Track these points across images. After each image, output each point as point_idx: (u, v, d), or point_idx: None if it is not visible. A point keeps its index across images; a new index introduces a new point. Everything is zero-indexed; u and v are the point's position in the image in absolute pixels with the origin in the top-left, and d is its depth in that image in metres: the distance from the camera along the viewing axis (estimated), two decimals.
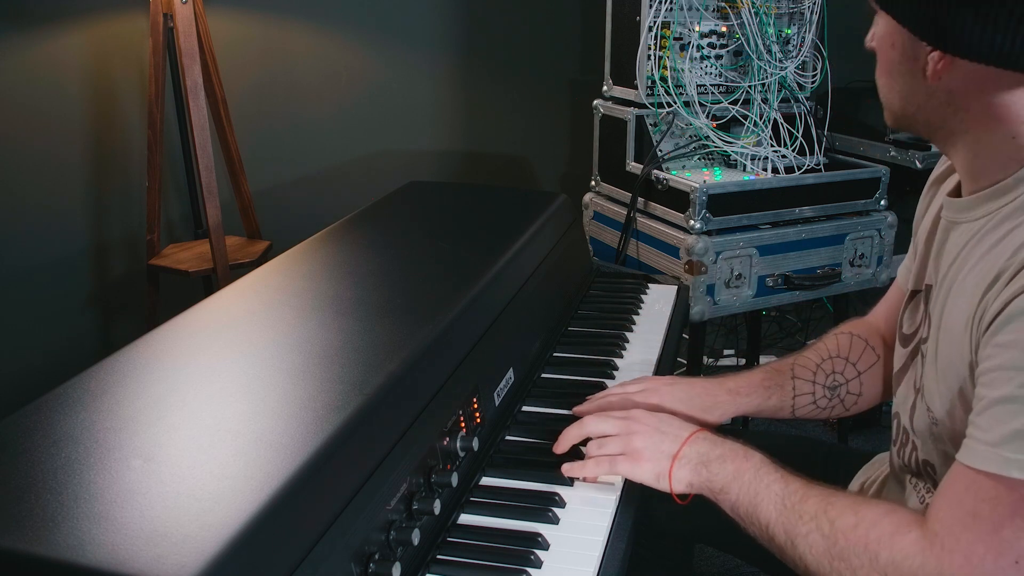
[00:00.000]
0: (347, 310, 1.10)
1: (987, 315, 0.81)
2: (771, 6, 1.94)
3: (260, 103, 2.50)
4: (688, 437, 1.00)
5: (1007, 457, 0.74)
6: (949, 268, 0.92)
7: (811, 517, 0.86)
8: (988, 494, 0.76)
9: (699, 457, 0.97)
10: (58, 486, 0.71)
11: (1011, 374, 0.76)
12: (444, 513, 0.93)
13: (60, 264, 2.34)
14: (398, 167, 2.74)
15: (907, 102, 0.89)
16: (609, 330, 1.47)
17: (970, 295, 0.86)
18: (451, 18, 2.73)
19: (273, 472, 0.73)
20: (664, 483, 0.98)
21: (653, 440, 1.00)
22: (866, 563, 0.81)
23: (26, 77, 2.19)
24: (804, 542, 0.86)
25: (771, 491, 0.91)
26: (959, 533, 0.76)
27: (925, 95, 0.86)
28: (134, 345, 0.99)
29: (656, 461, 0.98)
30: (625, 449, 1.00)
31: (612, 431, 1.03)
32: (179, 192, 2.45)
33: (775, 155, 1.94)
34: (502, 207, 1.68)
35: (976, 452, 0.78)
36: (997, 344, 0.78)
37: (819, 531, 0.85)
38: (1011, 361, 0.76)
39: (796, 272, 1.91)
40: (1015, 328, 0.77)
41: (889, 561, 0.79)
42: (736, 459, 0.95)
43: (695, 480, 0.97)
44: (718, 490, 0.95)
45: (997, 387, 0.77)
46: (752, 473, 0.93)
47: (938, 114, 0.87)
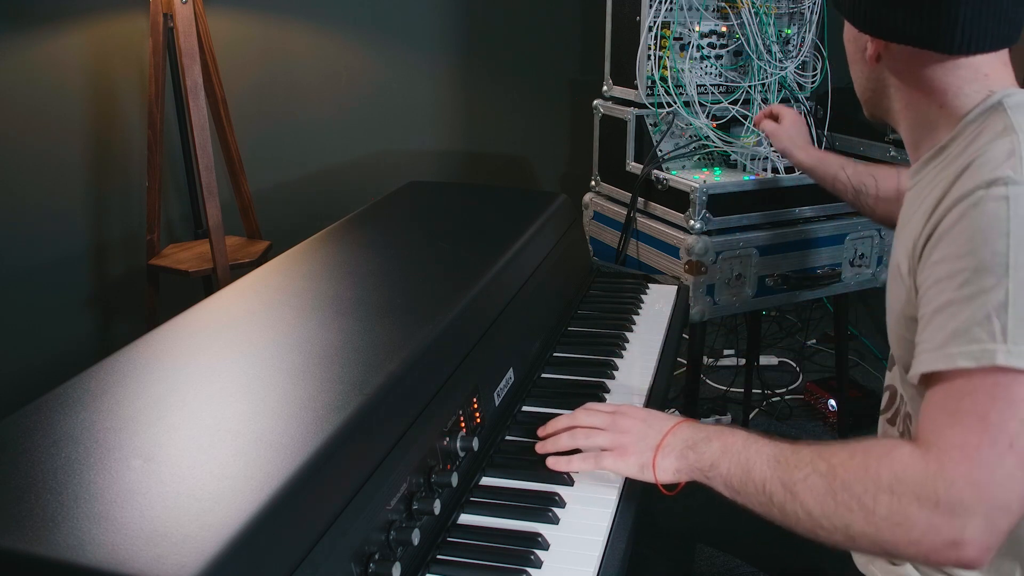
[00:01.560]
0: (347, 310, 1.10)
1: (919, 244, 0.90)
2: (771, 6, 1.94)
3: (260, 103, 2.50)
4: (672, 427, 1.00)
5: (952, 353, 0.80)
6: (899, 228, 1.02)
7: (806, 463, 0.86)
8: (962, 390, 0.79)
9: (683, 443, 0.97)
10: (58, 486, 0.71)
11: (944, 284, 0.83)
12: (444, 513, 0.93)
13: (60, 264, 2.35)
14: (398, 167, 2.74)
15: (863, 87, 1.05)
16: (609, 330, 1.47)
17: (908, 236, 0.95)
18: (451, 18, 2.73)
19: (273, 472, 0.73)
20: (648, 474, 0.98)
21: (638, 433, 1.01)
22: (870, 486, 0.81)
23: (26, 77, 2.19)
24: (803, 487, 0.85)
25: (762, 454, 0.90)
26: (948, 433, 0.78)
27: (874, 79, 1.02)
28: (134, 345, 0.99)
29: (640, 453, 0.99)
30: (611, 444, 1.01)
31: (600, 425, 1.04)
32: (179, 192, 2.45)
33: (775, 155, 1.94)
34: (502, 207, 1.68)
35: (925, 360, 0.83)
36: (933, 263, 0.86)
37: (816, 472, 0.85)
38: (945, 271, 0.84)
39: (796, 272, 1.91)
40: (946, 243, 0.85)
41: (892, 477, 0.80)
42: (722, 436, 0.95)
43: (681, 465, 0.97)
44: (708, 467, 0.94)
45: (933, 300, 0.84)
46: (740, 444, 0.93)
47: (884, 94, 1.02)
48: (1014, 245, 0.79)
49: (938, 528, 0.76)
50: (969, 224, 0.83)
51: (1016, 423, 0.76)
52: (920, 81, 0.96)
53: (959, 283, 0.81)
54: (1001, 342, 0.77)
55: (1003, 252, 0.79)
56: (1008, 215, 0.80)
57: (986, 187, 0.83)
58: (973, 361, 0.78)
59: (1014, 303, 0.78)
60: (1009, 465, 0.75)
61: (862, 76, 1.04)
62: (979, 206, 0.82)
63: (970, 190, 0.84)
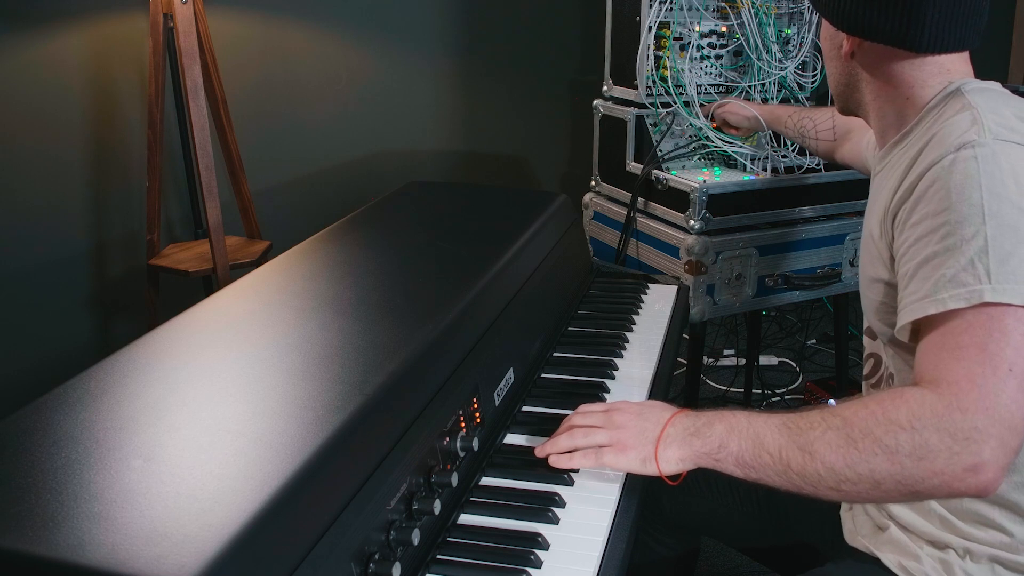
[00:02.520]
0: (347, 310, 1.10)
1: (889, 211, 0.99)
2: (771, 6, 1.94)
3: (260, 103, 2.50)
4: (670, 418, 1.00)
5: (943, 297, 0.86)
6: (868, 208, 1.12)
7: (819, 421, 0.88)
8: (959, 328, 0.85)
9: (684, 431, 0.97)
10: (58, 486, 0.71)
11: (925, 239, 0.91)
12: (444, 513, 0.93)
13: (60, 264, 2.35)
14: (398, 167, 2.74)
15: (837, 82, 1.14)
16: (609, 330, 1.47)
17: (879, 208, 1.03)
18: (451, 18, 2.73)
19: (273, 472, 0.73)
20: (651, 467, 0.98)
21: (636, 427, 1.01)
22: (890, 428, 0.83)
23: (26, 77, 2.19)
24: (821, 443, 0.86)
25: (769, 424, 0.92)
26: (954, 367, 0.84)
27: (847, 74, 1.11)
28: (134, 345, 0.99)
29: (640, 447, 0.99)
30: (610, 440, 1.01)
31: (597, 423, 1.04)
32: (179, 192, 2.45)
33: (775, 155, 1.94)
34: (502, 207, 1.68)
35: (914, 308, 0.89)
36: (911, 224, 0.94)
37: (831, 428, 0.87)
38: (924, 229, 0.91)
39: (796, 272, 1.91)
40: (921, 206, 0.93)
41: (908, 415, 0.83)
42: (724, 418, 0.96)
43: (686, 454, 0.96)
44: (716, 450, 0.94)
45: (916, 256, 0.91)
46: (744, 420, 0.94)
47: (856, 88, 1.11)
48: (987, 196, 0.87)
49: (959, 455, 0.81)
50: (944, 184, 0.90)
51: (1011, 350, 0.82)
52: (889, 75, 1.06)
53: (941, 236, 0.89)
54: (987, 282, 0.84)
55: (978, 203, 0.87)
56: (979, 171, 0.89)
57: (955, 151, 0.91)
58: (964, 302, 0.84)
59: (993, 247, 0.85)
60: (1012, 388, 0.81)
61: (836, 71, 1.13)
62: (952, 167, 0.91)
63: (940, 156, 0.92)
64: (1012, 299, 0.83)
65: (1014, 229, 0.86)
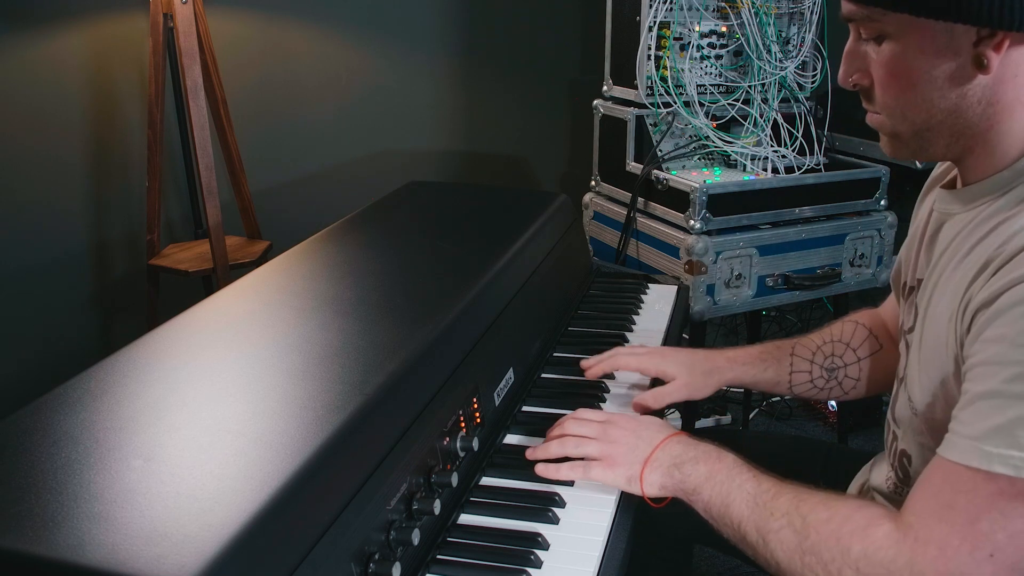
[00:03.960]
0: (347, 310, 1.10)
1: (972, 306, 0.81)
2: (771, 6, 1.94)
3: (260, 103, 2.50)
4: (662, 441, 0.99)
5: (988, 451, 0.74)
6: (939, 259, 0.92)
7: (783, 513, 0.85)
8: (965, 486, 0.75)
9: (671, 460, 0.97)
10: (58, 486, 0.71)
11: (996, 369, 0.76)
12: (444, 513, 0.93)
13: (60, 264, 2.34)
14: (398, 167, 2.74)
15: (932, 114, 0.85)
16: (609, 330, 1.47)
17: (957, 285, 0.85)
18: (451, 18, 2.73)
19: (273, 472, 0.73)
20: (636, 487, 0.98)
21: (628, 445, 1.00)
22: (838, 556, 0.80)
23: (26, 77, 2.19)
24: (775, 538, 0.85)
25: (743, 490, 0.90)
26: (934, 525, 0.76)
27: (958, 98, 0.83)
28: (134, 345, 0.99)
29: (628, 465, 0.99)
30: (601, 454, 1.00)
31: (591, 434, 1.03)
32: (179, 192, 2.45)
33: (775, 155, 1.94)
34: (502, 207, 1.68)
35: (957, 446, 0.77)
36: (985, 339, 0.78)
37: (791, 527, 0.84)
38: (997, 356, 0.76)
39: (796, 272, 1.91)
40: (1003, 323, 0.76)
41: (861, 554, 0.79)
42: (709, 460, 0.95)
43: (667, 483, 0.96)
44: (691, 491, 0.95)
45: (982, 382, 0.77)
46: (724, 474, 0.93)
47: (968, 115, 0.84)
48: None
49: None
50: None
51: (1004, 536, 0.73)
52: (1021, 90, 0.82)
53: (1010, 376, 0.74)
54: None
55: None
56: None
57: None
58: (1012, 471, 0.72)
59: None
60: (983, 574, 0.73)
61: (935, 97, 0.84)
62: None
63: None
64: None
65: None
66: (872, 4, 0.82)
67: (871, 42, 0.86)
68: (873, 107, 0.91)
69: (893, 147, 0.92)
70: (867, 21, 0.85)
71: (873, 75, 0.88)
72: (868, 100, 0.91)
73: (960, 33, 0.80)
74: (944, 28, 0.80)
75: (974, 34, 0.79)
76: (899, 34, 0.83)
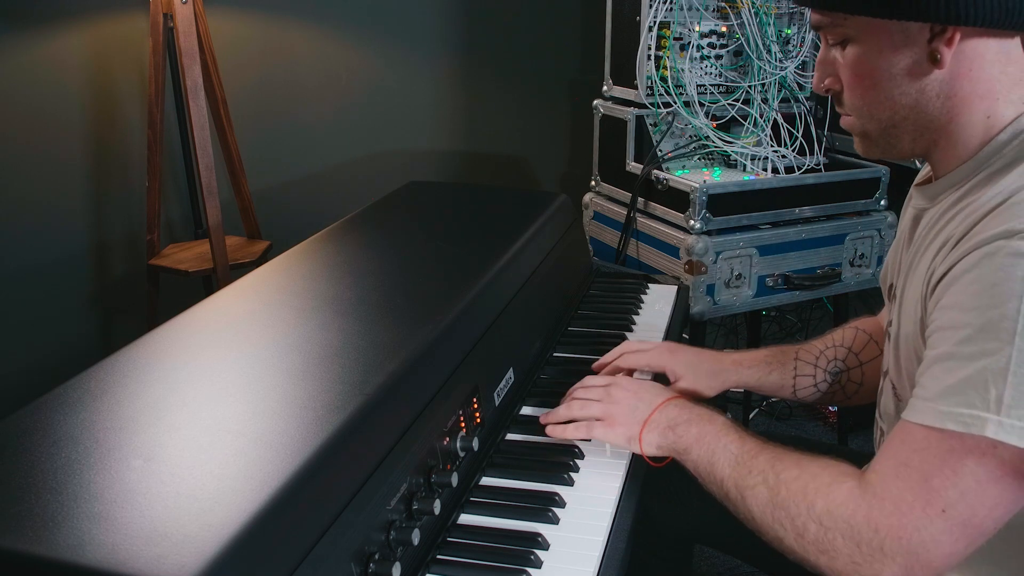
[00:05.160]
0: (347, 310, 1.10)
1: (934, 280, 0.85)
2: (771, 6, 1.94)
3: (260, 103, 2.50)
4: (661, 403, 1.05)
5: (941, 410, 0.77)
6: (911, 253, 0.97)
7: (759, 471, 0.90)
8: (920, 444, 0.79)
9: (667, 421, 1.02)
10: (58, 486, 0.71)
11: (949, 333, 0.79)
12: (444, 513, 0.93)
13: (60, 264, 2.34)
14: (398, 167, 2.73)
15: (895, 110, 0.89)
16: (609, 330, 1.47)
17: (923, 269, 0.90)
18: (451, 18, 2.73)
19: (273, 472, 0.73)
20: (635, 446, 1.04)
21: (629, 406, 1.06)
22: (803, 511, 0.84)
23: (26, 77, 2.19)
24: (751, 494, 0.89)
25: (728, 450, 0.95)
26: (891, 482, 0.80)
27: (917, 93, 0.87)
28: (134, 345, 0.99)
29: (629, 426, 1.04)
30: (603, 414, 1.07)
31: (595, 397, 1.09)
32: (179, 192, 2.45)
33: (775, 155, 1.94)
34: (502, 207, 1.68)
35: (914, 407, 0.81)
36: (941, 307, 0.82)
37: (765, 484, 0.88)
38: (951, 320, 0.80)
39: (796, 272, 1.91)
40: (957, 289, 0.80)
41: (824, 509, 0.82)
42: (701, 422, 1.00)
43: (663, 443, 1.02)
44: (682, 451, 1.00)
45: (938, 346, 0.81)
46: (713, 435, 0.97)
47: (928, 110, 0.88)
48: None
49: (859, 564, 0.80)
50: (981, 275, 0.77)
51: (955, 492, 0.76)
52: (979, 82, 0.86)
53: (961, 338, 0.77)
54: (994, 412, 0.74)
55: (1012, 316, 0.74)
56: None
57: (1007, 237, 0.76)
58: (962, 427, 0.75)
59: (1016, 372, 0.73)
60: (937, 529, 0.76)
61: (896, 94, 0.88)
62: (995, 257, 0.77)
63: (991, 237, 0.78)
64: (1018, 440, 0.73)
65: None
66: (831, 9, 0.88)
67: (838, 47, 0.92)
68: (844, 109, 0.96)
69: (864, 146, 0.96)
70: (832, 27, 0.90)
71: (841, 78, 0.93)
72: (839, 104, 0.96)
73: (915, 31, 0.84)
74: (899, 27, 0.85)
75: (927, 31, 0.84)
76: (860, 36, 0.88)
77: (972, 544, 0.77)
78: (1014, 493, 0.76)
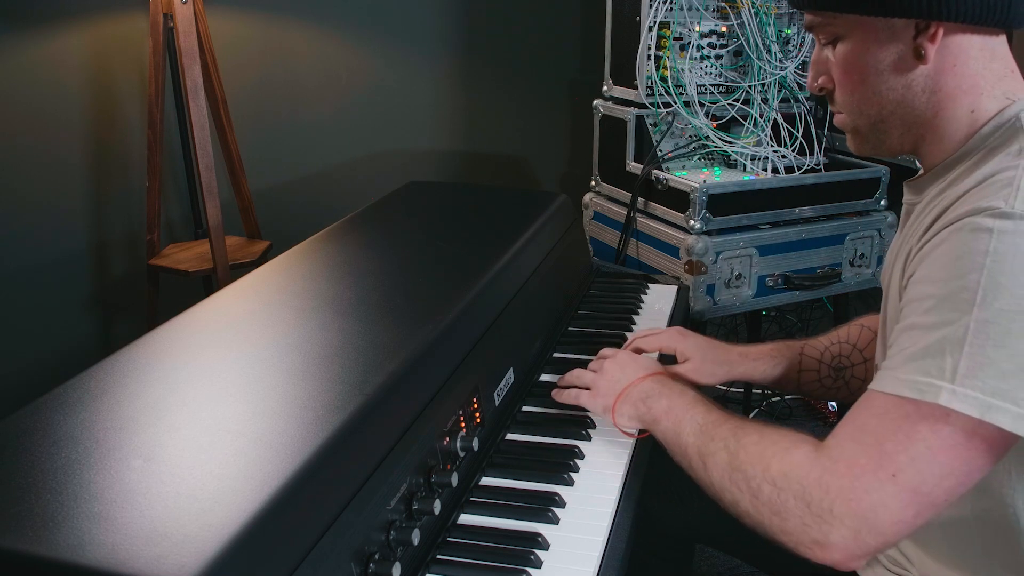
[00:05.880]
0: (347, 310, 1.10)
1: (911, 262, 0.88)
2: (771, 6, 1.94)
3: (260, 103, 2.50)
4: (640, 377, 1.09)
5: (899, 378, 0.79)
6: (900, 244, 0.98)
7: (721, 438, 0.92)
8: (878, 410, 0.80)
9: (640, 394, 1.07)
10: (58, 486, 0.71)
11: (915, 304, 0.82)
12: (444, 513, 0.93)
13: (60, 264, 2.34)
14: (398, 167, 2.73)
15: (883, 105, 0.91)
16: (609, 330, 1.47)
17: (904, 255, 0.92)
18: (451, 18, 2.73)
19: (273, 472, 0.73)
20: (608, 416, 1.10)
21: (613, 378, 1.11)
22: (759, 473, 0.85)
23: (26, 77, 2.19)
24: (711, 460, 0.92)
25: (694, 420, 0.98)
26: (846, 444, 0.81)
27: (903, 88, 0.89)
28: (134, 345, 0.99)
29: (607, 396, 1.11)
30: (592, 383, 1.14)
31: (594, 367, 1.17)
32: (179, 192, 2.45)
33: (775, 155, 1.94)
34: (502, 207, 1.68)
35: (879, 377, 0.82)
36: (913, 282, 0.84)
37: (726, 449, 0.91)
38: (918, 293, 0.82)
39: (796, 272, 1.91)
40: (925, 265, 0.83)
41: (779, 471, 0.84)
42: (672, 396, 1.04)
43: (634, 414, 1.07)
44: (652, 422, 1.04)
45: (904, 319, 0.83)
46: (681, 407, 1.00)
47: (914, 104, 0.90)
48: (985, 283, 0.75)
49: (808, 526, 0.81)
50: (948, 249, 0.80)
51: (906, 457, 0.77)
52: (963, 77, 0.88)
53: (925, 308, 0.80)
54: (949, 380, 0.75)
55: (971, 288, 0.76)
56: (988, 248, 0.76)
57: (975, 214, 0.79)
58: (917, 394, 0.77)
59: (972, 343, 0.75)
60: (886, 493, 0.77)
61: (884, 89, 0.90)
62: (961, 232, 0.79)
63: (962, 214, 0.80)
64: (969, 409, 0.74)
65: (1004, 331, 0.74)
66: (821, 8, 0.91)
67: (829, 46, 0.94)
68: (836, 107, 0.98)
69: (856, 143, 0.98)
70: (823, 27, 0.93)
71: (833, 77, 0.95)
72: (832, 102, 0.98)
73: (900, 27, 0.87)
74: (885, 24, 0.88)
75: (912, 27, 0.87)
76: (849, 34, 0.91)
77: (921, 514, 0.77)
78: (966, 464, 0.77)
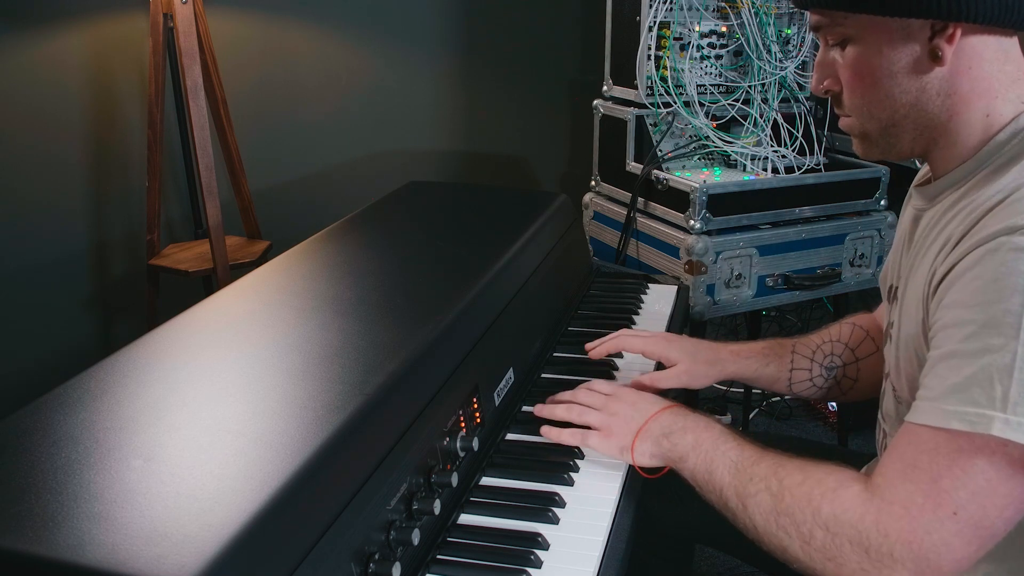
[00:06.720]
0: (347, 310, 1.10)
1: (936, 279, 0.84)
2: (771, 6, 1.94)
3: (260, 103, 2.50)
4: (656, 412, 1.03)
5: (946, 410, 0.76)
6: (912, 254, 0.96)
7: (761, 478, 0.88)
8: (927, 446, 0.77)
9: (662, 430, 1.00)
10: (58, 486, 0.71)
11: (953, 331, 0.79)
12: (444, 513, 0.93)
13: (60, 264, 2.34)
14: (398, 167, 2.73)
15: (896, 108, 0.89)
16: (609, 330, 1.46)
17: (925, 269, 0.89)
18: (451, 18, 2.73)
19: (273, 472, 0.73)
20: (627, 456, 1.02)
21: (625, 417, 1.05)
22: (809, 517, 0.82)
23: (26, 77, 2.19)
24: (753, 502, 0.87)
25: (727, 457, 0.93)
26: (899, 485, 0.78)
27: (918, 91, 0.87)
28: (134, 345, 0.99)
29: (623, 436, 1.03)
30: (600, 424, 1.05)
31: (596, 405, 1.08)
32: (179, 192, 2.45)
33: (775, 155, 1.94)
34: (502, 207, 1.68)
35: (919, 409, 0.80)
36: (944, 305, 0.81)
37: (767, 491, 0.86)
38: (954, 319, 0.79)
39: (796, 272, 1.91)
40: (959, 287, 0.79)
41: (831, 515, 0.81)
42: (697, 430, 0.98)
43: (656, 451, 1.00)
44: (678, 459, 0.98)
45: (940, 346, 0.80)
46: (710, 442, 0.95)
47: (928, 108, 0.88)
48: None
49: (867, 571, 0.78)
50: (983, 272, 0.77)
51: (966, 493, 0.74)
52: (979, 80, 0.85)
53: (965, 335, 0.77)
54: (1000, 409, 0.73)
55: (1016, 311, 0.73)
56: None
57: (1008, 233, 0.76)
58: (968, 426, 0.74)
59: (1020, 368, 0.72)
60: (947, 532, 0.75)
61: (897, 92, 0.88)
62: (997, 254, 0.76)
63: (993, 234, 0.78)
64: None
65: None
66: (832, 7, 0.87)
67: (837, 48, 0.91)
68: (843, 111, 0.95)
69: (864, 148, 0.96)
70: (831, 27, 0.90)
71: (841, 79, 0.92)
72: (838, 105, 0.95)
73: (915, 28, 0.84)
74: (900, 24, 0.85)
75: (928, 28, 0.84)
76: (860, 35, 0.88)
77: (983, 547, 0.76)
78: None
